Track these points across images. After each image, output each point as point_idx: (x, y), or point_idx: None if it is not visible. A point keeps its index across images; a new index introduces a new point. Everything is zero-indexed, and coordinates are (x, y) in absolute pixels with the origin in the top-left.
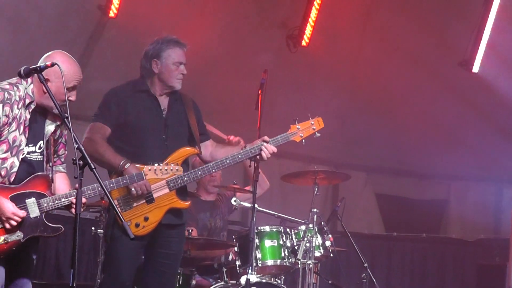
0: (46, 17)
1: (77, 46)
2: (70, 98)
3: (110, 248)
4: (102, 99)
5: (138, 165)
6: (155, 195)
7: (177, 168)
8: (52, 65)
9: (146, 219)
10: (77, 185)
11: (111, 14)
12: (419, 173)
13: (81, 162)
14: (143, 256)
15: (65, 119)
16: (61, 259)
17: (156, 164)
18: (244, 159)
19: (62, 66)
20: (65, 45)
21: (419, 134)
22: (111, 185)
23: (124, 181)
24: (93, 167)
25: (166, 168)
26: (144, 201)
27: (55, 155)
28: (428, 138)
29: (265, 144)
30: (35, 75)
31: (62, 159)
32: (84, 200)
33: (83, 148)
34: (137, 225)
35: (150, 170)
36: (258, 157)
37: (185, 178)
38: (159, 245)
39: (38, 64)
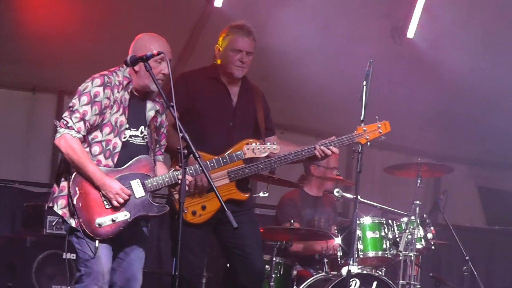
0: (151, 6)
1: (182, 35)
2: (162, 71)
3: (176, 235)
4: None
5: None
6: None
7: (274, 147)
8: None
9: (203, 207)
10: (177, 167)
11: (217, 3)
12: None
13: (185, 151)
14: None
15: (171, 108)
16: (163, 248)
17: (253, 144)
18: (306, 157)
19: (150, 42)
20: (170, 34)
21: None
22: (212, 164)
23: (224, 160)
24: (197, 156)
25: (263, 146)
26: (204, 189)
27: (157, 145)
28: None
29: (317, 146)
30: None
31: (162, 150)
32: (190, 178)
33: (187, 137)
34: (193, 213)
35: (248, 149)
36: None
37: (246, 170)
38: (228, 231)
39: (146, 52)
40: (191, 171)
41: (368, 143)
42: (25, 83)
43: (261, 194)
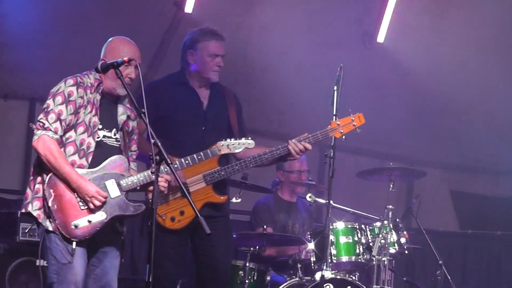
0: (122, 13)
1: (152, 42)
2: (129, 75)
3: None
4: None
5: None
6: (191, 189)
7: (249, 142)
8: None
9: (181, 213)
10: (153, 168)
11: (187, 9)
12: (495, 170)
13: (157, 157)
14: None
15: (142, 114)
16: (136, 254)
17: (228, 139)
18: (281, 155)
19: (119, 46)
20: (140, 40)
21: (495, 131)
22: (186, 162)
23: (199, 157)
24: (169, 162)
25: (238, 142)
26: (180, 195)
27: (129, 151)
28: (504, 134)
29: (290, 141)
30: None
31: (134, 157)
32: (168, 177)
33: (159, 144)
34: (172, 219)
35: (223, 145)
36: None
37: (222, 173)
38: (202, 238)
39: (115, 60)
40: (166, 169)
41: (344, 137)
42: None
43: (234, 200)
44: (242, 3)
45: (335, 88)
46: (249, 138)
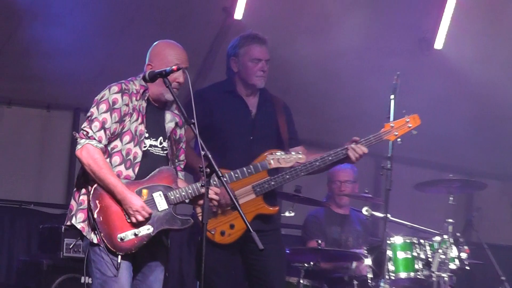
0: (170, 20)
1: (201, 49)
2: (177, 80)
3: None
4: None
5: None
6: (240, 201)
7: (300, 156)
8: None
9: (231, 226)
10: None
11: (237, 16)
12: None
13: (208, 170)
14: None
15: (192, 125)
16: (185, 269)
17: (277, 153)
18: (334, 161)
19: (165, 50)
20: (189, 47)
21: None
22: (236, 175)
23: (249, 170)
24: (220, 175)
25: (288, 156)
26: (229, 208)
27: (176, 160)
28: None
29: (352, 145)
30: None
31: (182, 166)
32: (217, 190)
33: (210, 155)
34: (222, 233)
35: (273, 159)
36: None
37: (272, 183)
38: (253, 253)
39: (163, 67)
40: (214, 183)
41: (399, 140)
42: (40, 101)
43: (287, 214)
44: (293, 8)
45: (392, 96)
46: (300, 152)
